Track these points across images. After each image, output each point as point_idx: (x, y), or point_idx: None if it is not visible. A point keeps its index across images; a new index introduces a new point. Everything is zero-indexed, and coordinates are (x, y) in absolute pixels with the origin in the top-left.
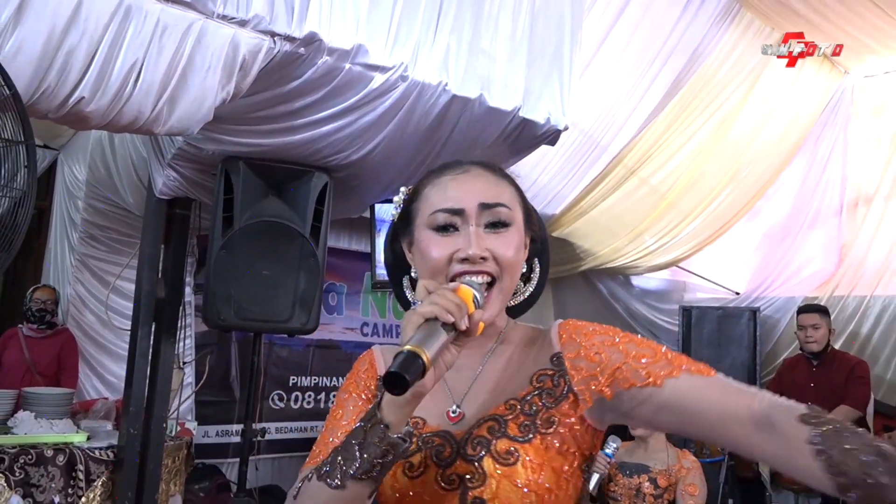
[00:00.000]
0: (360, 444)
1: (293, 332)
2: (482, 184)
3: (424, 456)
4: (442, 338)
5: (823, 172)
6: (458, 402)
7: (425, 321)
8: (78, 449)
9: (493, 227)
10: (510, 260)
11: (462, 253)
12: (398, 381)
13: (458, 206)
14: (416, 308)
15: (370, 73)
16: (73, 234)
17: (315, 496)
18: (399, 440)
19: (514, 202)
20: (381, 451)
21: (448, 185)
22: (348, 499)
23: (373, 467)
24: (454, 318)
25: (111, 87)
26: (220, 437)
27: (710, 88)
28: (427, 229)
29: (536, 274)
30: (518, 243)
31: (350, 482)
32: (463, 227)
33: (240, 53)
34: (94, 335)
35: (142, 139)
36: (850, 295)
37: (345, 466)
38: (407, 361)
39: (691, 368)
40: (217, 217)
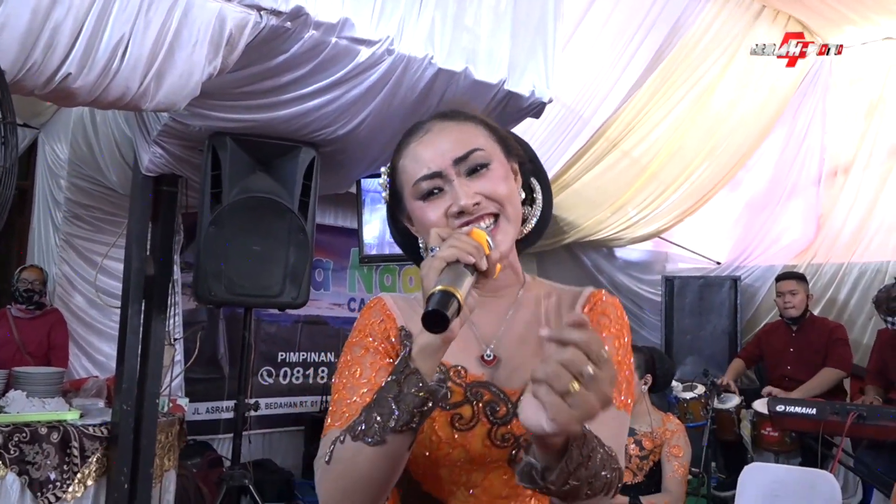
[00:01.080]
0: (396, 396)
1: (284, 307)
2: (447, 138)
3: (476, 409)
4: (468, 278)
5: (802, 143)
6: (488, 346)
7: (447, 265)
8: (71, 426)
9: (473, 172)
10: (503, 194)
11: (455, 207)
12: (439, 319)
13: (433, 169)
14: (434, 254)
15: (356, 47)
16: (57, 214)
17: (352, 457)
18: (437, 387)
19: (485, 139)
20: (421, 400)
21: (417, 152)
22: (390, 454)
23: (412, 418)
24: (475, 258)
25: (98, 62)
26: (211, 413)
27: (691, 60)
28: (416, 200)
29: (539, 193)
30: (504, 175)
31: (390, 436)
32: (447, 185)
33: (226, 28)
34: (81, 315)
35: (124, 116)
36: (828, 262)
37: (383, 422)
38: (444, 299)
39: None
40: (205, 193)
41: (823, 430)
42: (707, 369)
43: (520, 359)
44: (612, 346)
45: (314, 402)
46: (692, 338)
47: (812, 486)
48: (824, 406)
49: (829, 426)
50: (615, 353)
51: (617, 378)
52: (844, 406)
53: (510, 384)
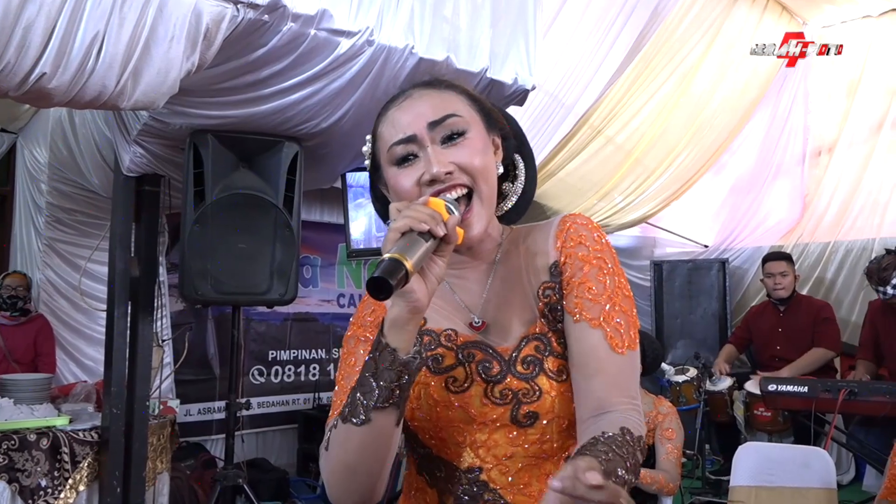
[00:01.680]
0: (374, 373)
1: (272, 304)
2: (425, 103)
3: (469, 370)
4: (422, 246)
5: (786, 123)
6: (475, 313)
7: (401, 235)
8: (61, 432)
9: (449, 140)
10: (477, 166)
11: (427, 175)
12: (382, 285)
13: (407, 133)
14: (389, 226)
15: (336, 39)
16: (39, 219)
17: (344, 439)
18: (410, 359)
19: (464, 108)
20: (396, 374)
21: (394, 117)
22: (377, 431)
23: (392, 393)
24: (428, 225)
25: (73, 61)
26: (203, 414)
27: (672, 44)
28: (391, 166)
29: (521, 170)
30: (481, 147)
31: (374, 414)
32: (421, 151)
33: (203, 22)
34: (67, 320)
35: (103, 118)
36: (815, 241)
37: (365, 400)
38: (388, 266)
39: (610, 334)
40: (188, 192)
41: (816, 407)
42: (698, 352)
43: (506, 316)
44: (598, 281)
45: (307, 400)
46: (682, 321)
47: (806, 463)
48: (816, 383)
49: (822, 403)
50: (604, 289)
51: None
52: (836, 383)
53: (501, 342)
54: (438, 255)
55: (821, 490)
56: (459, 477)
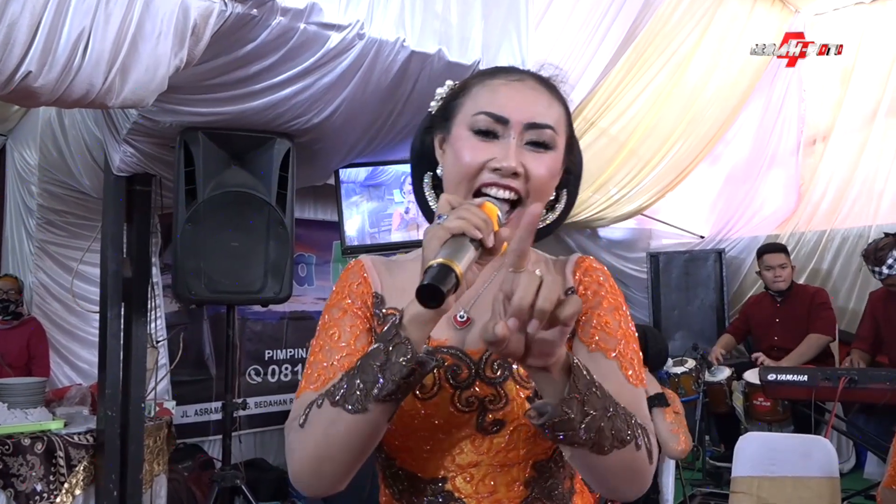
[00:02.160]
0: (382, 365)
1: (266, 302)
2: (535, 99)
3: (438, 376)
4: (470, 253)
5: (780, 112)
6: (465, 307)
7: (452, 237)
8: (56, 436)
9: (534, 145)
10: (543, 181)
11: (496, 163)
12: (434, 294)
13: (504, 114)
14: (441, 223)
15: (326, 33)
16: (30, 222)
17: (330, 422)
18: (426, 358)
19: (561, 127)
20: (408, 370)
21: (499, 90)
22: (370, 423)
23: (398, 388)
24: (482, 234)
25: (59, 59)
26: (200, 415)
27: (665, 34)
28: (466, 129)
29: (562, 204)
30: (554, 168)
31: (372, 405)
32: (504, 136)
33: (190, 18)
34: (60, 322)
35: (93, 118)
36: (811, 230)
37: (366, 389)
38: (441, 274)
39: (625, 365)
40: (179, 190)
41: (815, 396)
42: (696, 343)
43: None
44: (614, 318)
45: None
46: (680, 313)
47: (807, 452)
48: (815, 372)
49: (821, 392)
50: (618, 327)
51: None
52: (835, 371)
53: (474, 345)
54: (479, 264)
55: (823, 479)
56: (424, 488)
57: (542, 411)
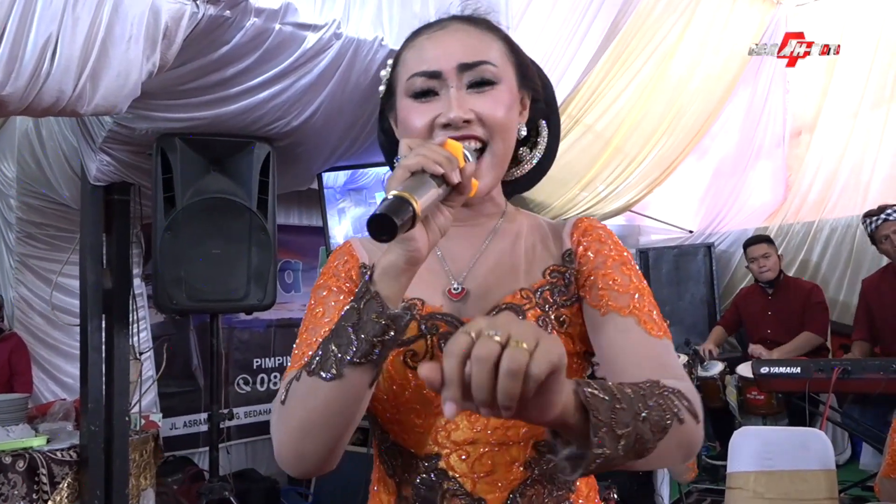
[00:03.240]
0: (355, 324)
1: (251, 310)
2: (461, 40)
3: (430, 344)
4: (431, 190)
5: (765, 104)
6: (458, 279)
7: (411, 174)
8: (38, 453)
9: (476, 86)
10: (499, 120)
11: (443, 118)
12: (386, 224)
13: (433, 67)
14: (399, 162)
15: (302, 33)
16: (10, 235)
17: (308, 394)
18: (400, 313)
19: (501, 58)
20: (381, 328)
21: (424, 46)
22: (347, 389)
23: (373, 347)
24: (444, 168)
25: (26, 66)
26: (189, 427)
27: (647, 29)
28: (406, 97)
29: (544, 137)
30: (508, 101)
31: (348, 369)
32: (443, 90)
33: (161, 20)
34: (43, 336)
35: (70, 128)
36: (799, 222)
37: (340, 353)
38: (394, 204)
39: (644, 319)
40: (157, 198)
41: (809, 387)
42: (688, 339)
43: (492, 287)
44: (622, 274)
45: None
46: (671, 308)
47: (803, 445)
48: (808, 364)
49: (815, 384)
50: (629, 282)
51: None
52: (829, 362)
53: (470, 313)
54: (447, 205)
55: (820, 472)
56: (417, 465)
57: (573, 458)
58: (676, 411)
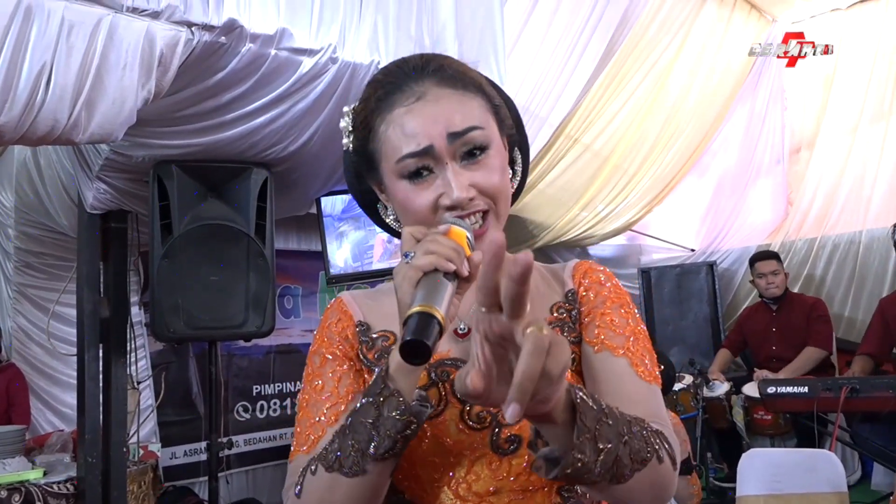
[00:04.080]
0: (374, 421)
1: (249, 337)
2: (444, 108)
3: (443, 391)
4: (447, 290)
5: (764, 121)
6: (462, 318)
7: (424, 275)
8: (34, 486)
9: (470, 156)
10: (498, 186)
11: (447, 199)
12: (420, 349)
13: (423, 143)
14: (409, 262)
15: (298, 58)
16: (7, 265)
17: (327, 489)
18: (421, 408)
19: (484, 115)
20: (403, 424)
21: (405, 122)
22: (369, 484)
23: (395, 444)
24: (455, 264)
25: (20, 95)
26: (189, 456)
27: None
28: (399, 179)
29: (520, 164)
30: (500, 163)
31: (371, 465)
32: (438, 167)
33: (157, 48)
34: (41, 367)
35: (68, 157)
36: (802, 238)
37: (361, 449)
38: (422, 324)
39: (636, 362)
40: (154, 225)
41: (817, 407)
42: (693, 359)
43: None
44: (619, 316)
45: None
46: (674, 328)
47: (813, 467)
48: (816, 383)
49: (823, 403)
50: (626, 324)
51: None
52: (836, 381)
53: None
54: (456, 295)
55: (831, 494)
56: None
57: (550, 459)
58: (657, 448)
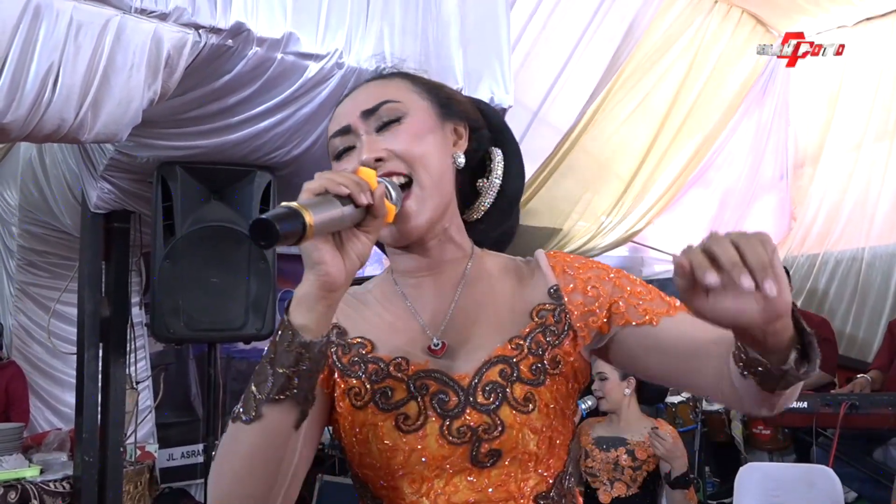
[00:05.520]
0: (272, 359)
1: (249, 339)
2: (363, 93)
3: (423, 405)
4: (334, 207)
5: (769, 137)
6: (435, 334)
7: (315, 196)
8: (31, 484)
9: (384, 127)
10: (414, 151)
11: (357, 163)
12: (267, 229)
13: (342, 123)
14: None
15: (304, 63)
16: (10, 263)
17: (232, 440)
18: (313, 340)
19: (406, 94)
20: (294, 358)
21: (337, 111)
22: (269, 431)
23: (289, 381)
24: (349, 189)
25: (28, 94)
26: (186, 458)
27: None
28: (333, 160)
29: (498, 163)
30: (419, 131)
31: (266, 408)
32: (357, 141)
33: (164, 49)
34: (41, 365)
35: (73, 156)
36: (804, 254)
37: (258, 392)
38: (283, 214)
39: (685, 308)
40: (157, 226)
41: (816, 423)
42: None
43: (473, 338)
44: (636, 286)
45: None
46: None
47: (811, 482)
48: (815, 398)
49: (822, 418)
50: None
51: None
52: (836, 396)
53: (460, 369)
54: (363, 231)
55: None
56: None
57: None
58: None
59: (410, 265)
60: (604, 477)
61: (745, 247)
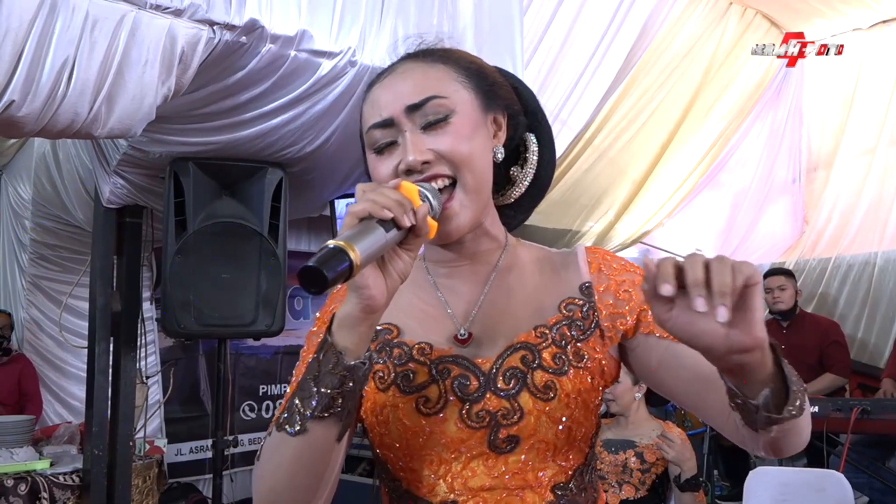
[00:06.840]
0: (316, 377)
1: (258, 335)
2: (408, 80)
3: (444, 389)
4: (378, 236)
5: (782, 140)
6: (463, 324)
7: (359, 221)
8: (41, 476)
9: (430, 126)
10: (461, 153)
11: (403, 164)
12: (316, 277)
13: (385, 115)
14: (348, 208)
15: (317, 60)
16: (23, 256)
17: (276, 449)
18: (357, 364)
19: (453, 85)
20: (338, 380)
21: (375, 95)
22: (313, 444)
23: (333, 401)
24: (392, 212)
25: (42, 88)
26: (195, 453)
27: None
28: (370, 152)
29: (534, 151)
30: (468, 131)
31: (311, 424)
32: (400, 136)
33: (178, 45)
34: (51, 358)
35: (87, 151)
36: (816, 258)
37: (303, 407)
38: (327, 255)
39: None
40: (169, 221)
41: (827, 427)
42: None
43: (499, 329)
44: (637, 286)
45: None
46: None
47: (821, 487)
48: (826, 402)
49: (833, 423)
50: None
51: None
52: (847, 401)
53: (482, 355)
54: (405, 249)
55: None
56: None
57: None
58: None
59: (444, 256)
60: (612, 479)
61: (715, 270)
